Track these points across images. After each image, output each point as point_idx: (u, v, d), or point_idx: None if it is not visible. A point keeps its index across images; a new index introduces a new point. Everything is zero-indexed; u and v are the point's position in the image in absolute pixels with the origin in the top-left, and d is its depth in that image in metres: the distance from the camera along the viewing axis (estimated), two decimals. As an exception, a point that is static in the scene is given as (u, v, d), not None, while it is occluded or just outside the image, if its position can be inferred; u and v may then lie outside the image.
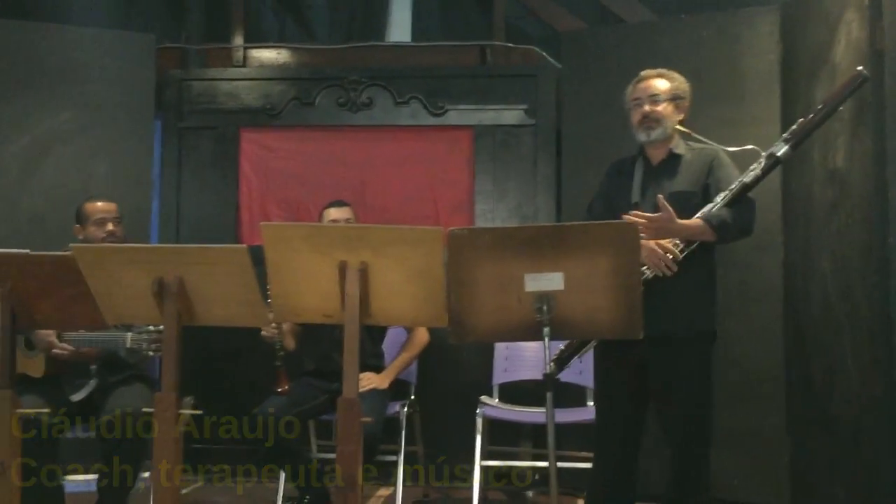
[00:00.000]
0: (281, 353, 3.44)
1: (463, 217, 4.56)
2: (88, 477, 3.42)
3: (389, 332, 3.89)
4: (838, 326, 3.15)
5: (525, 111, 4.55)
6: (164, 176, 4.67)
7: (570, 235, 2.36)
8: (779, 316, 3.71)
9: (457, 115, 4.59)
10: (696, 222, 2.76)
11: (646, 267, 2.75)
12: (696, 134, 2.93)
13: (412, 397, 3.87)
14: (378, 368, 3.67)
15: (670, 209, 2.70)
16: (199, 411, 2.45)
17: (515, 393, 4.00)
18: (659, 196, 2.72)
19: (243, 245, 2.50)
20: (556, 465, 2.41)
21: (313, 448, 3.96)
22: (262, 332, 3.40)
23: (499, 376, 4.02)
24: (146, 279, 2.36)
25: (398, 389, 3.77)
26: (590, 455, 3.08)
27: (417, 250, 2.27)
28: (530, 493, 4.17)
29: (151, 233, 4.53)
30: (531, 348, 3.94)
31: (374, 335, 3.73)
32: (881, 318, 2.82)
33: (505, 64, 4.73)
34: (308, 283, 2.34)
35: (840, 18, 3.16)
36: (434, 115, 4.59)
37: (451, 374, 4.38)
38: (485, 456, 3.61)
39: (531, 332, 2.39)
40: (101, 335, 3.15)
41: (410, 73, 4.66)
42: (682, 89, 2.96)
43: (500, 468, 4.19)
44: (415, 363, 3.88)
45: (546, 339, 2.35)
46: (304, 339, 3.70)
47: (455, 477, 4.24)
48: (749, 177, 2.78)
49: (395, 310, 2.38)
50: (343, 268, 2.28)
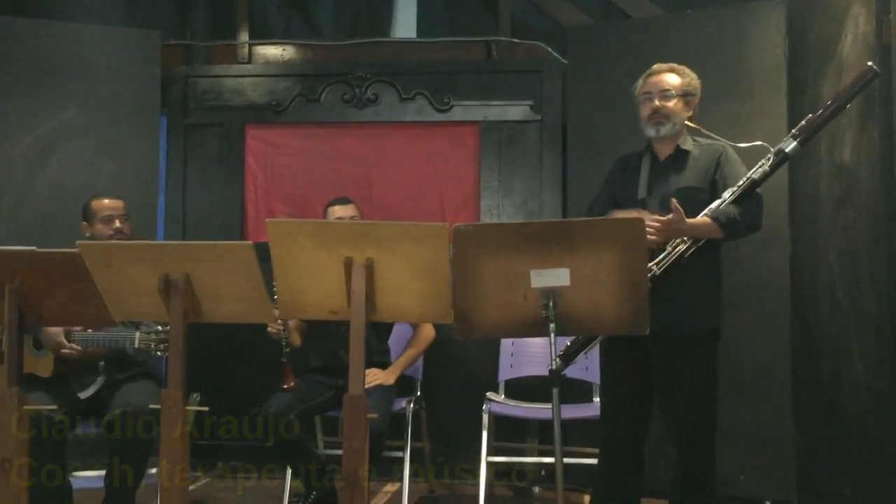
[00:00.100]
0: (287, 350, 3.44)
1: (468, 213, 4.55)
2: (96, 473, 3.43)
3: (395, 328, 3.89)
4: (845, 322, 3.14)
5: (531, 107, 4.53)
6: (169, 173, 4.67)
7: (577, 231, 2.36)
8: (786, 311, 3.71)
9: (462, 110, 4.58)
10: (705, 220, 2.75)
11: (652, 264, 2.74)
12: (704, 130, 2.92)
13: (418, 393, 3.88)
14: (384, 365, 3.67)
15: (681, 210, 2.67)
16: (205, 408, 2.44)
17: (521, 389, 4.01)
18: (673, 200, 2.69)
19: (249, 242, 2.51)
20: (562, 460, 2.42)
21: (319, 444, 3.96)
22: (269, 329, 3.41)
23: (505, 372, 4.02)
24: (152, 276, 2.36)
25: (404, 386, 3.77)
26: (596, 451, 3.08)
27: (423, 246, 2.27)
28: (536, 489, 4.17)
29: (158, 230, 4.54)
30: (537, 344, 3.93)
31: (379, 331, 3.73)
32: (888, 313, 2.81)
33: (510, 59, 4.72)
34: (314, 280, 2.34)
35: (847, 13, 3.15)
36: (439, 110, 4.58)
37: (457, 370, 4.38)
38: (491, 452, 3.61)
39: (537, 329, 2.39)
40: (109, 335, 3.16)
41: (416, 69, 4.65)
42: (693, 86, 2.94)
43: (506, 464, 4.20)
44: (421, 359, 3.88)
45: (552, 335, 2.35)
46: (310, 336, 3.71)
47: (461, 473, 4.25)
48: (757, 173, 2.76)
49: (400, 306, 2.38)
50: (349, 264, 2.28)
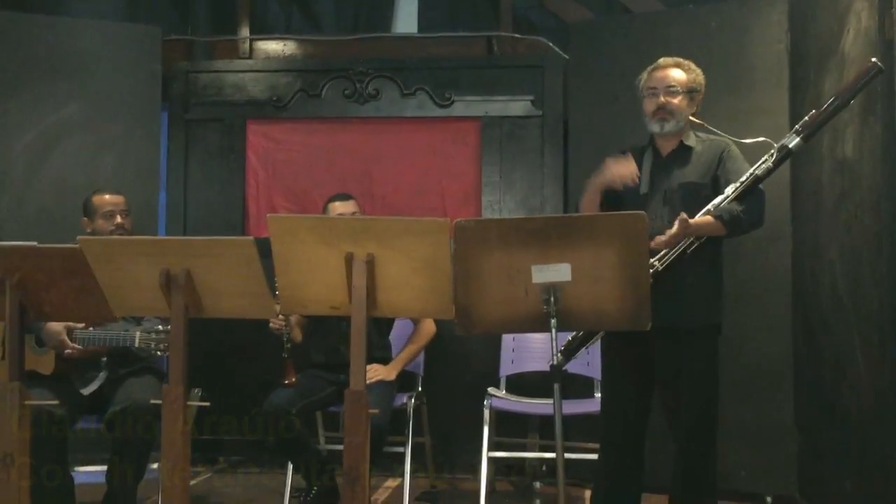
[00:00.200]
0: (288, 346, 3.45)
1: (470, 208, 4.55)
2: (97, 468, 3.43)
3: (396, 323, 3.89)
4: (847, 318, 3.14)
5: (532, 102, 4.53)
6: (170, 168, 4.67)
7: (578, 226, 2.36)
8: (787, 307, 3.70)
9: (463, 106, 4.57)
10: (707, 219, 2.74)
11: (654, 259, 2.73)
12: (708, 126, 2.91)
13: (419, 389, 3.88)
14: (385, 360, 3.67)
15: (686, 221, 2.66)
16: (207, 403, 2.44)
17: (522, 384, 4.01)
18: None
19: (250, 237, 2.50)
20: (563, 456, 2.42)
21: (321, 440, 3.96)
22: (270, 325, 3.41)
23: (506, 368, 4.02)
24: (153, 271, 2.36)
25: (405, 381, 3.78)
26: (597, 446, 3.08)
27: (424, 242, 2.27)
28: (538, 485, 4.17)
29: (159, 225, 4.54)
30: (538, 340, 3.94)
31: (380, 327, 3.74)
32: (890, 309, 2.80)
33: (512, 55, 4.71)
34: (315, 275, 2.34)
35: (849, 7, 3.14)
36: (441, 106, 4.57)
37: (458, 365, 4.38)
38: (492, 447, 3.61)
39: (538, 324, 2.39)
40: (110, 333, 3.16)
41: (417, 65, 4.64)
42: (698, 82, 2.93)
43: (507, 460, 4.20)
44: (422, 355, 3.88)
45: (553, 330, 2.35)
46: (311, 332, 3.71)
47: (462, 468, 4.25)
48: (760, 169, 2.75)
49: (401, 301, 2.38)
50: (350, 260, 2.28)
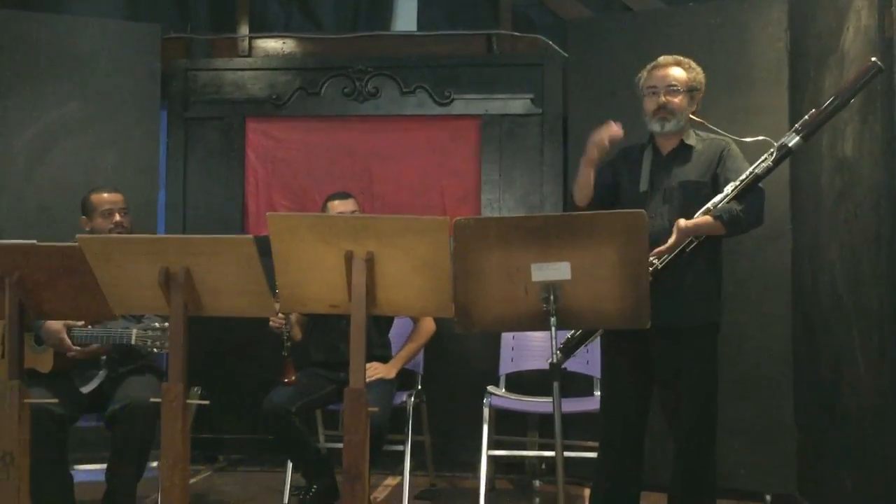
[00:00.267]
0: (288, 344, 3.45)
1: (469, 206, 4.55)
2: (97, 467, 3.44)
3: (396, 322, 3.89)
4: (846, 316, 3.14)
5: (531, 100, 4.52)
6: (170, 166, 4.67)
7: (577, 225, 2.35)
8: (787, 306, 3.70)
9: (463, 104, 4.57)
10: (707, 219, 2.74)
11: (653, 258, 2.73)
12: (708, 124, 2.91)
13: (419, 387, 3.88)
14: (385, 358, 3.68)
15: (684, 230, 2.70)
16: (206, 401, 2.45)
17: (522, 383, 4.01)
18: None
19: (249, 235, 2.50)
20: (562, 454, 2.42)
21: (320, 438, 3.96)
22: (270, 323, 3.41)
23: (505, 366, 4.02)
24: (153, 270, 2.36)
25: (405, 379, 3.78)
26: (597, 444, 3.08)
27: (424, 240, 2.27)
28: (537, 483, 4.17)
29: (158, 223, 4.53)
30: (538, 338, 3.94)
31: (380, 325, 3.74)
32: (890, 308, 2.80)
33: (511, 53, 4.71)
34: (314, 274, 2.34)
35: (849, 6, 3.13)
36: (440, 104, 4.57)
37: (457, 364, 4.38)
38: (492, 446, 3.61)
39: (538, 322, 2.39)
40: (107, 331, 3.16)
41: (416, 63, 4.64)
42: (698, 80, 2.93)
43: (507, 458, 4.20)
44: (421, 353, 3.88)
45: (553, 328, 2.34)
46: (311, 330, 3.71)
47: (462, 466, 4.25)
48: (760, 168, 2.75)
49: (401, 300, 2.38)
50: (349, 258, 2.27)
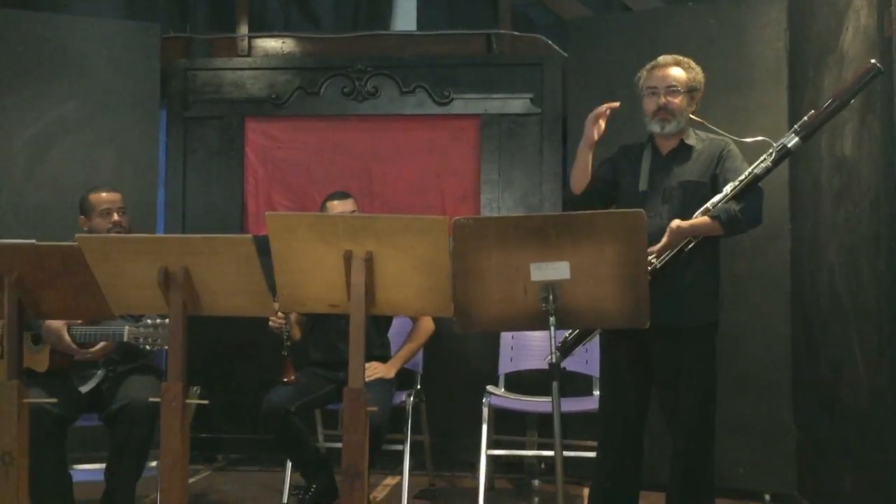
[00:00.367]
0: (288, 344, 3.45)
1: (468, 206, 4.55)
2: (96, 466, 3.44)
3: (395, 321, 3.89)
4: (845, 316, 3.14)
5: (531, 100, 4.52)
6: (169, 166, 4.67)
7: (577, 224, 2.35)
8: (786, 306, 3.70)
9: (462, 103, 4.57)
10: (705, 220, 2.75)
11: (651, 257, 2.74)
12: (708, 124, 2.91)
13: (418, 387, 3.88)
14: (384, 358, 3.68)
15: (678, 231, 2.71)
16: (206, 401, 2.45)
17: (521, 382, 4.01)
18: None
19: (248, 235, 2.50)
20: (561, 454, 2.42)
21: (320, 438, 3.96)
22: (270, 323, 3.41)
23: (504, 366, 4.02)
24: (152, 269, 2.36)
25: (404, 379, 3.78)
26: (596, 444, 3.08)
27: (423, 240, 2.26)
28: (536, 482, 4.17)
29: (157, 223, 4.53)
30: (537, 338, 3.94)
31: (379, 325, 3.74)
32: (889, 307, 2.80)
33: (511, 52, 4.70)
34: (313, 273, 2.34)
35: (848, 5, 3.13)
36: (440, 104, 4.57)
37: (456, 363, 4.38)
38: (491, 445, 3.60)
39: (537, 322, 2.39)
40: (100, 329, 3.16)
41: (416, 62, 4.64)
42: (698, 80, 2.93)
43: (506, 457, 4.20)
44: (421, 353, 3.88)
45: (552, 328, 2.35)
46: (310, 330, 3.71)
47: (461, 466, 4.25)
48: (760, 168, 2.76)
49: (400, 299, 2.38)
50: (348, 257, 2.27)
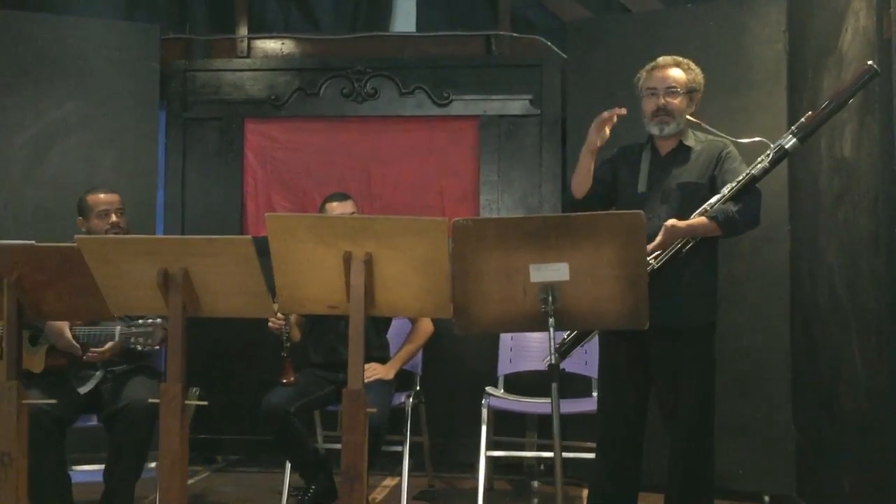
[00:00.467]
0: (287, 345, 3.44)
1: (468, 207, 4.55)
2: (95, 467, 3.43)
3: (394, 322, 3.89)
4: (845, 317, 3.14)
5: (530, 101, 4.53)
6: (168, 167, 4.67)
7: (576, 226, 2.35)
8: (785, 306, 3.70)
9: (462, 105, 4.57)
10: (702, 221, 2.75)
11: (650, 257, 2.74)
12: (706, 125, 2.91)
13: (417, 388, 3.87)
14: (383, 359, 3.68)
15: (673, 231, 2.71)
16: (205, 402, 2.44)
17: (520, 383, 4.01)
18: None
19: (248, 236, 2.50)
20: (561, 455, 2.42)
21: (319, 439, 3.96)
22: (269, 324, 3.40)
23: (504, 367, 4.02)
24: (151, 270, 2.36)
25: (403, 380, 3.78)
26: (595, 445, 3.07)
27: (422, 241, 2.27)
28: (535, 484, 4.17)
29: (157, 224, 4.53)
30: (536, 339, 3.93)
31: (378, 326, 3.74)
32: (888, 308, 2.80)
33: (510, 54, 4.71)
34: (313, 274, 2.34)
35: (847, 7, 3.14)
36: (439, 105, 4.57)
37: (456, 364, 4.38)
38: (490, 446, 3.60)
39: (536, 323, 2.39)
40: (93, 329, 3.15)
41: (415, 63, 4.64)
42: (697, 81, 2.93)
43: (505, 458, 4.20)
44: (420, 354, 3.88)
45: (551, 329, 2.35)
46: (310, 331, 3.71)
47: (460, 467, 4.25)
48: (757, 169, 2.76)
49: (399, 300, 2.38)
50: (348, 258, 2.27)
